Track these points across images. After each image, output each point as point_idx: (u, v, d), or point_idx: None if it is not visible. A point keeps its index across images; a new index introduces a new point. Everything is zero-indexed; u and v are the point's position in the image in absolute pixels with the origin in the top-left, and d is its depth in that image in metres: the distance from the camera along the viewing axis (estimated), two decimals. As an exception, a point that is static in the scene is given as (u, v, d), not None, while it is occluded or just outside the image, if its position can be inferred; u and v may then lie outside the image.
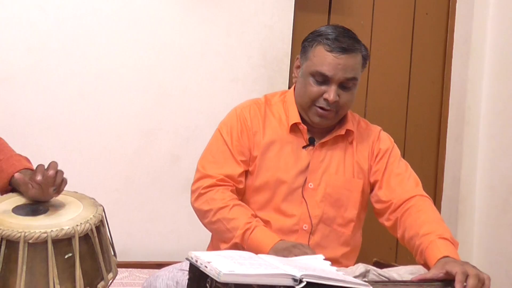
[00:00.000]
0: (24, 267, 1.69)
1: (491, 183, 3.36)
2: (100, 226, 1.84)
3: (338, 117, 2.18)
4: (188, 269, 1.68)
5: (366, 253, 2.44)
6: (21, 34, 2.81)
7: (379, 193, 2.18)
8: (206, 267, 1.54)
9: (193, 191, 2.19)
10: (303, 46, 2.20)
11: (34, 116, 2.84)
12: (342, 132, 2.20)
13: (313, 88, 2.12)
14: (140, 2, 2.96)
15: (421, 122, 3.49)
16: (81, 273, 1.74)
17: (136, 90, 2.97)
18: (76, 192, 1.95)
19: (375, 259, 2.40)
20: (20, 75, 2.82)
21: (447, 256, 1.84)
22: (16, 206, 1.84)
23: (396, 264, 2.15)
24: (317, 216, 2.16)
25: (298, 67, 2.21)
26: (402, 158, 2.26)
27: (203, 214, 2.15)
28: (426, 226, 1.97)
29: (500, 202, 3.29)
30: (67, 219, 1.77)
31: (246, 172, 2.21)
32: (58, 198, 1.89)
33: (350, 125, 2.22)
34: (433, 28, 3.47)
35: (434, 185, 3.50)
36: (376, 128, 2.30)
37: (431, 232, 1.93)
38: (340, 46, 2.09)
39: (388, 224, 2.14)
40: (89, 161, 2.92)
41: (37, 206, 1.84)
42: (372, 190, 2.23)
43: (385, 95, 3.43)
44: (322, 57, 2.10)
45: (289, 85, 3.06)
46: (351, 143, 2.22)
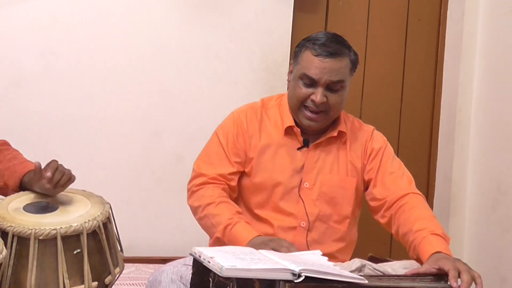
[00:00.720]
0: (35, 263, 1.73)
1: (482, 182, 3.36)
2: (108, 223, 1.88)
3: (330, 119, 2.20)
4: (192, 264, 1.74)
5: (362, 249, 2.45)
6: (33, 40, 2.84)
7: (374, 191, 2.20)
8: (209, 262, 1.57)
9: (188, 190, 2.22)
10: (295, 52, 2.22)
11: (45, 118, 2.86)
12: (335, 134, 2.22)
13: (301, 90, 2.15)
14: (146, 9, 2.98)
15: (414, 123, 3.50)
16: (89, 268, 1.78)
17: (142, 93, 3.00)
18: (84, 191, 2.00)
19: (370, 254, 2.43)
20: (32, 79, 2.84)
21: (439, 252, 1.86)
22: (27, 204, 1.88)
23: (391, 259, 2.19)
24: (314, 214, 2.18)
25: (291, 72, 2.24)
26: (396, 156, 2.27)
27: (195, 211, 2.18)
28: (419, 223, 1.98)
29: (490, 200, 3.30)
30: (76, 216, 1.82)
31: (242, 173, 2.23)
32: (67, 196, 1.93)
33: (343, 127, 2.23)
34: (426, 33, 3.48)
35: (427, 184, 3.49)
36: (369, 128, 2.31)
37: (424, 229, 1.95)
38: (327, 51, 2.11)
39: (383, 221, 2.16)
40: (97, 161, 2.94)
41: (47, 204, 1.88)
42: (367, 188, 2.24)
43: (380, 97, 3.43)
44: (309, 61, 2.13)
45: (288, 88, 3.11)
46: (345, 144, 2.24)
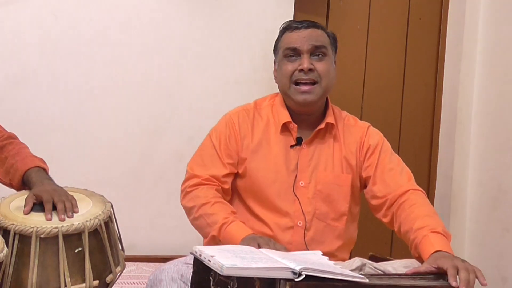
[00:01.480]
0: (36, 261, 1.75)
1: (482, 181, 3.37)
2: (109, 222, 1.90)
3: (323, 90, 2.18)
4: (192, 263, 1.75)
5: (362, 248, 2.48)
6: (34, 39, 2.85)
7: (374, 189, 2.18)
8: (210, 261, 1.57)
9: (182, 191, 2.22)
10: (274, 46, 2.27)
11: (46, 116, 2.88)
12: (322, 126, 2.20)
13: (288, 66, 2.17)
14: (147, 9, 3.00)
15: (415, 122, 3.51)
16: (91, 267, 1.80)
17: (143, 92, 3.02)
18: (86, 190, 2.02)
19: (371, 253, 2.40)
20: (33, 77, 2.85)
21: (440, 250, 1.86)
22: None
23: (391, 258, 2.19)
24: (310, 213, 2.17)
25: (275, 70, 2.27)
26: (394, 152, 2.25)
27: (189, 211, 2.18)
28: (419, 221, 1.97)
29: (490, 199, 3.31)
30: (77, 215, 1.83)
31: (236, 174, 2.23)
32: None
33: (330, 119, 2.22)
34: (426, 33, 3.49)
35: (427, 183, 3.50)
36: (365, 124, 2.29)
37: (424, 227, 1.94)
38: (302, 25, 2.19)
39: (386, 220, 2.15)
40: (99, 160, 2.95)
41: None
42: (366, 186, 2.23)
43: (381, 96, 3.44)
44: (288, 37, 2.19)
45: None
46: (338, 140, 2.23)
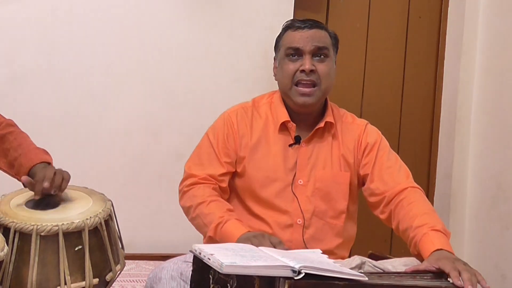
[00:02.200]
0: (36, 259, 1.75)
1: (482, 179, 3.37)
2: (109, 220, 1.89)
3: (322, 93, 2.19)
4: (192, 261, 1.75)
5: (362, 246, 2.48)
6: (33, 37, 2.84)
7: (372, 186, 2.18)
8: (209, 259, 1.57)
9: (179, 191, 2.23)
10: (276, 42, 2.27)
11: (45, 115, 2.86)
12: (322, 125, 2.21)
13: (289, 66, 2.18)
14: (147, 7, 2.99)
15: (415, 121, 3.50)
16: (91, 265, 1.80)
17: (143, 91, 3.01)
18: (86, 188, 2.01)
19: (370, 252, 2.36)
20: (31, 76, 2.84)
21: (440, 249, 1.86)
22: (29, 200, 1.89)
23: (391, 256, 2.18)
24: (309, 211, 2.18)
25: (275, 68, 2.27)
26: (392, 150, 2.26)
27: (187, 211, 2.19)
28: (419, 219, 1.98)
29: (490, 197, 3.31)
30: (78, 213, 1.83)
31: (235, 173, 2.24)
32: (69, 193, 1.94)
33: (330, 118, 2.22)
34: (426, 31, 3.48)
35: (427, 181, 3.50)
36: (363, 122, 2.29)
37: (424, 224, 1.94)
38: (305, 24, 2.19)
39: (383, 217, 2.15)
40: (99, 158, 2.95)
41: (49, 201, 1.88)
42: (364, 184, 2.23)
43: (380, 95, 3.43)
44: (291, 36, 2.20)
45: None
46: (337, 138, 2.23)
